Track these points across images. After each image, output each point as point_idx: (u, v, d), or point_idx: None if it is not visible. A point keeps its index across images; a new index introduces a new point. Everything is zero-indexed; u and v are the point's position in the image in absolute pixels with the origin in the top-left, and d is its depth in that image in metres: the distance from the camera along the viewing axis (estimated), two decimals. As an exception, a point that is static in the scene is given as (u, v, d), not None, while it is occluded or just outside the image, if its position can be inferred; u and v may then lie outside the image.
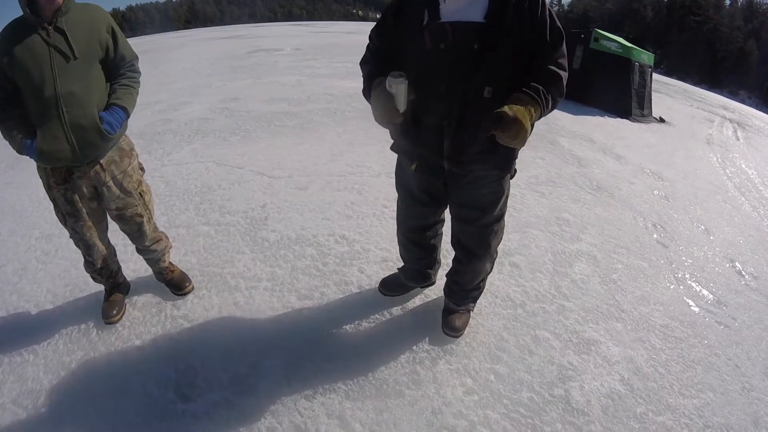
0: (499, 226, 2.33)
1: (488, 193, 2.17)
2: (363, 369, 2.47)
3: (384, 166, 5.04)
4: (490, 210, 2.21)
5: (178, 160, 5.24)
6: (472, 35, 1.78)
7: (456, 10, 1.80)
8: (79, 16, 2.11)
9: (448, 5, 1.81)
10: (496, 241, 2.37)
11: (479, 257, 2.38)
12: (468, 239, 2.35)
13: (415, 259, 2.73)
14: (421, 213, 2.45)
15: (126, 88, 2.29)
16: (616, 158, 6.53)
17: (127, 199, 2.45)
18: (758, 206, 5.84)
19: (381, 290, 3.01)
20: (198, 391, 2.32)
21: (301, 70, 11.36)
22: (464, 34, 1.78)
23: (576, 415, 2.30)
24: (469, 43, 1.78)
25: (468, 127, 1.90)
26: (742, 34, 64.60)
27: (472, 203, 2.20)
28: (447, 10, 1.81)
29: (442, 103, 1.89)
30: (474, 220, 2.25)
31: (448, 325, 2.66)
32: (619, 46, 9.54)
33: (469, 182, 2.12)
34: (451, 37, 1.80)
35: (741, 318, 3.30)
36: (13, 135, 2.10)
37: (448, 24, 1.80)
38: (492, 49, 1.78)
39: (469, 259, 2.40)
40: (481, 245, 2.33)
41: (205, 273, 3.17)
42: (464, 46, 1.79)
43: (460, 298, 2.65)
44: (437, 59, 1.84)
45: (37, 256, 3.40)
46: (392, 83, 1.80)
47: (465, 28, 1.78)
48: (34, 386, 2.35)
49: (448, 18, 1.80)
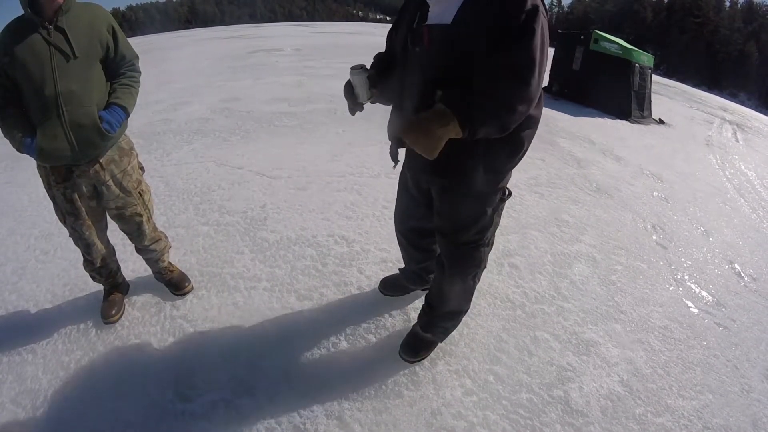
0: (479, 249, 2.12)
1: (464, 211, 2.02)
2: (362, 370, 2.47)
3: (384, 167, 5.03)
4: (467, 230, 2.05)
5: (178, 159, 5.24)
6: (439, 38, 1.69)
7: (437, 13, 1.71)
8: (79, 15, 2.11)
9: (434, 8, 1.72)
10: (473, 262, 2.16)
11: (448, 276, 2.20)
12: (443, 251, 2.21)
13: (414, 261, 2.69)
14: (415, 214, 2.36)
15: (126, 88, 2.29)
16: (616, 160, 6.53)
17: (127, 199, 2.45)
18: (757, 208, 5.85)
19: (381, 290, 3.02)
20: (197, 392, 2.32)
21: (301, 70, 11.36)
22: (434, 37, 1.71)
23: (575, 416, 2.30)
24: (435, 45, 1.70)
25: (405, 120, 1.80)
26: (742, 36, 64.63)
27: (445, 217, 2.09)
28: (434, 11, 1.72)
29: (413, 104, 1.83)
30: (446, 234, 2.12)
31: (406, 346, 2.53)
32: (618, 47, 9.55)
33: (445, 191, 2.01)
34: (426, 39, 1.73)
35: (740, 319, 3.30)
36: (13, 133, 2.10)
37: (426, 27, 1.73)
38: (449, 52, 1.66)
39: (440, 272, 2.26)
40: (453, 263, 2.17)
41: (205, 273, 3.17)
42: (432, 48, 1.72)
43: (428, 324, 2.47)
44: (413, 61, 1.80)
45: (36, 256, 3.39)
46: (352, 74, 1.86)
47: (436, 31, 1.70)
48: (33, 386, 2.35)
49: (430, 21, 1.73)
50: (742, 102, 34.97)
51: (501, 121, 1.58)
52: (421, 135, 1.54)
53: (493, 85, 1.54)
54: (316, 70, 11.41)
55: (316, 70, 11.41)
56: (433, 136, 1.53)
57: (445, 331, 2.53)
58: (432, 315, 2.43)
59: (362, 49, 16.22)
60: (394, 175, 4.74)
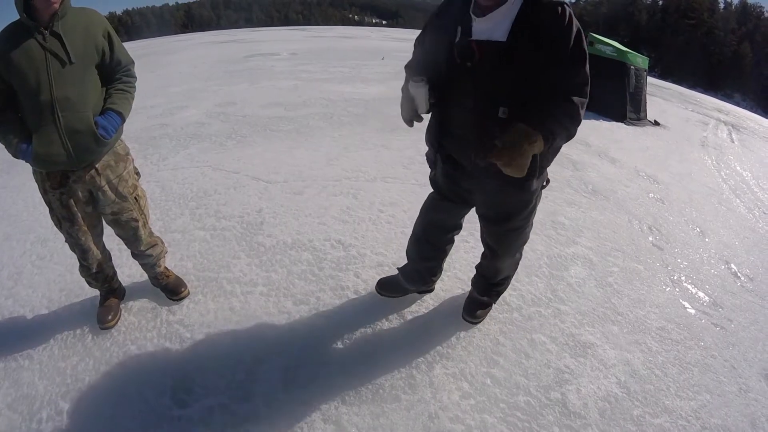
0: (524, 230, 2.37)
1: (516, 201, 2.20)
2: (359, 374, 2.46)
3: (380, 171, 5.04)
4: (516, 216, 2.25)
5: (174, 164, 5.23)
6: (494, 54, 1.80)
7: (485, 29, 1.82)
8: (75, 20, 2.11)
9: (480, 24, 1.83)
10: (520, 242, 2.45)
11: (500, 256, 2.50)
12: (491, 239, 2.46)
13: (422, 258, 2.73)
14: (444, 208, 2.50)
15: (122, 93, 2.29)
16: (612, 161, 6.55)
17: (123, 204, 2.45)
18: (753, 208, 5.86)
19: (378, 290, 3.03)
20: (194, 397, 2.31)
21: (297, 74, 11.36)
22: (488, 53, 1.81)
23: (573, 419, 2.30)
24: (491, 62, 1.81)
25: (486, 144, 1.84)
26: (737, 37, 64.95)
27: (498, 207, 2.26)
28: (478, 28, 1.84)
29: (467, 117, 1.96)
30: (498, 223, 2.32)
31: (468, 311, 2.83)
32: (614, 50, 9.58)
33: (496, 192, 2.16)
34: (477, 55, 1.83)
35: (737, 319, 3.31)
36: (9, 139, 2.10)
37: (475, 42, 1.83)
38: (508, 69, 1.79)
39: (493, 256, 2.53)
40: (502, 245, 2.44)
41: (201, 278, 3.17)
42: (487, 65, 1.82)
43: (483, 290, 2.77)
44: (464, 76, 1.89)
45: (32, 261, 3.39)
46: (413, 87, 1.89)
47: (490, 48, 1.81)
48: (30, 391, 2.34)
49: (477, 36, 1.83)
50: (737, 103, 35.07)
51: (571, 131, 1.85)
52: (516, 155, 1.67)
53: (567, 103, 1.77)
54: (312, 74, 11.41)
55: (312, 74, 11.41)
56: (526, 155, 1.69)
57: (498, 293, 2.84)
58: (486, 283, 2.73)
59: (358, 53, 16.26)
60: (391, 179, 4.78)
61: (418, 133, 2.55)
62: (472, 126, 1.95)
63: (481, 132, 1.88)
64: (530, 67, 1.76)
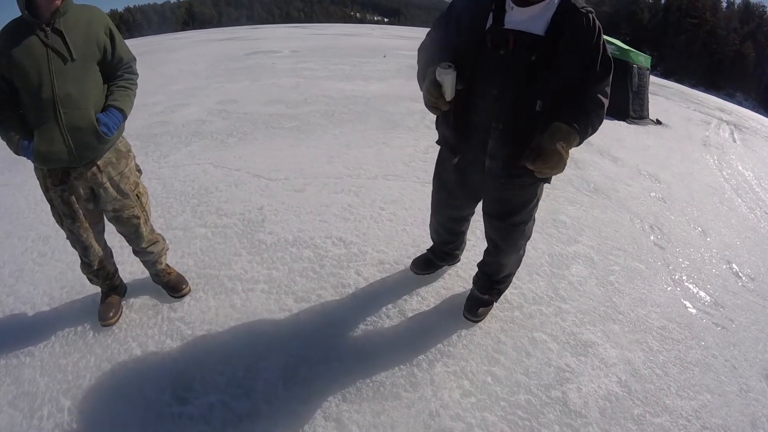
0: (528, 226, 2.46)
1: (522, 197, 2.29)
2: (360, 371, 2.47)
3: (381, 169, 5.04)
4: (520, 212, 2.34)
5: (175, 162, 5.23)
6: (532, 47, 1.84)
7: (520, 20, 1.86)
8: (77, 17, 2.11)
9: (515, 15, 1.86)
10: (523, 239, 2.53)
11: (504, 252, 2.55)
12: (495, 234, 2.52)
13: (445, 244, 3.02)
14: (454, 205, 2.63)
15: (123, 90, 2.29)
16: (613, 160, 6.54)
17: (124, 201, 2.45)
18: (755, 208, 5.86)
19: (413, 269, 3.22)
20: (194, 394, 2.32)
21: (298, 72, 11.35)
22: (524, 45, 1.85)
23: (573, 417, 2.30)
24: (527, 53, 1.85)
25: (514, 134, 1.98)
26: (739, 37, 64.78)
27: (505, 203, 2.34)
28: (512, 18, 1.87)
29: (493, 105, 1.98)
30: (503, 218, 2.39)
31: (469, 309, 2.84)
32: (616, 48, 9.56)
33: (505, 184, 2.19)
34: (512, 44, 1.86)
35: (738, 319, 3.31)
36: (10, 136, 2.10)
37: (511, 32, 1.86)
38: (548, 64, 1.84)
39: (497, 252, 2.59)
40: (507, 241, 2.49)
41: (202, 275, 3.17)
42: (522, 55, 1.86)
43: (485, 288, 2.80)
44: (494, 63, 1.91)
45: (33, 258, 3.39)
46: (441, 73, 1.85)
47: (526, 39, 1.84)
48: (31, 388, 2.34)
49: (511, 26, 1.86)
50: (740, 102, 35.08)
51: (596, 129, 1.98)
52: (558, 157, 1.73)
53: (598, 107, 1.91)
54: (314, 71, 11.40)
55: (314, 71, 11.40)
56: (567, 155, 1.76)
57: (500, 292, 2.87)
58: (488, 281, 2.76)
59: (360, 51, 16.24)
60: (392, 176, 4.78)
61: (420, 130, 2.57)
62: (501, 114, 1.98)
63: (514, 121, 1.96)
64: (564, 65, 1.84)
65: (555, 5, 1.84)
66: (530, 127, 1.89)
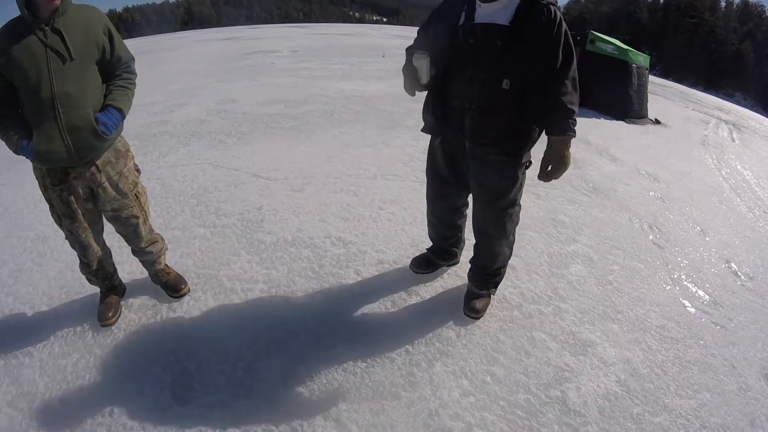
0: (514, 210, 2.59)
1: (503, 178, 2.46)
2: (359, 371, 2.47)
3: (380, 168, 5.04)
4: (505, 194, 2.49)
5: (174, 161, 5.23)
6: (497, 35, 2.14)
7: (487, 14, 2.16)
8: (76, 17, 2.11)
9: (482, 10, 2.18)
10: (512, 224, 2.64)
11: (496, 238, 2.65)
12: (485, 222, 2.64)
13: (442, 237, 3.06)
14: (447, 193, 2.77)
15: (122, 90, 2.29)
16: (612, 160, 6.54)
17: (123, 201, 2.45)
18: (754, 207, 5.86)
19: (412, 268, 3.22)
20: (194, 394, 2.32)
21: (297, 71, 11.35)
22: (490, 34, 2.15)
23: (572, 417, 2.30)
24: (493, 40, 2.15)
25: (486, 111, 2.25)
26: (738, 36, 64.85)
27: (489, 185, 2.50)
28: (481, 14, 2.18)
29: (466, 88, 2.26)
30: (490, 202, 2.54)
31: (469, 306, 2.87)
32: (615, 48, 9.55)
33: (486, 164, 2.42)
34: (480, 34, 2.17)
35: (737, 318, 3.31)
36: (9, 135, 2.10)
37: (479, 25, 2.17)
38: (511, 48, 2.12)
39: (486, 241, 2.69)
40: (497, 227, 2.60)
41: (201, 275, 3.17)
42: (490, 42, 2.16)
43: (481, 282, 2.86)
44: (466, 52, 2.22)
45: (32, 258, 3.39)
46: (416, 59, 2.16)
47: (492, 29, 2.15)
48: (30, 389, 2.34)
49: (480, 20, 2.18)
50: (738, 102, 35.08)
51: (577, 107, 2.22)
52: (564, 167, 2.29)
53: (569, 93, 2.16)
54: (313, 71, 11.40)
55: (313, 71, 11.40)
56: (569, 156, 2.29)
57: (496, 284, 2.94)
58: (484, 274, 2.83)
59: (359, 51, 16.24)
60: (391, 176, 4.78)
61: (419, 130, 2.57)
62: (474, 95, 2.24)
63: (485, 100, 2.23)
64: (529, 50, 2.12)
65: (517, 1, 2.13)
66: (499, 104, 2.22)
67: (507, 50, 2.13)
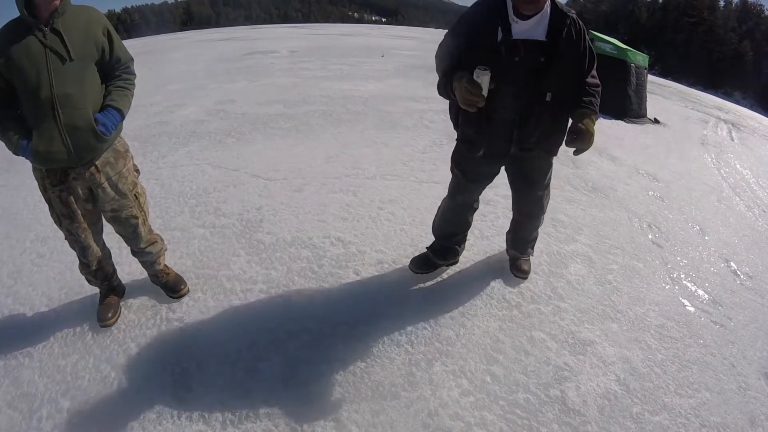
0: (549, 189, 2.95)
1: (541, 168, 2.78)
2: (359, 371, 2.47)
3: (379, 168, 5.04)
4: (541, 181, 2.82)
5: (174, 162, 5.23)
6: (539, 51, 2.27)
7: (524, 30, 2.26)
8: (75, 17, 2.11)
9: (520, 27, 2.26)
10: (548, 200, 3.00)
11: (537, 215, 3.04)
12: (527, 206, 2.98)
13: (449, 234, 3.14)
14: (471, 189, 2.92)
15: (121, 90, 2.29)
16: (611, 159, 6.54)
17: (122, 201, 2.45)
18: (753, 206, 5.86)
19: (411, 268, 3.23)
20: (193, 394, 2.32)
21: (296, 72, 11.35)
22: (533, 50, 2.26)
23: (572, 416, 2.30)
24: (536, 56, 2.27)
25: (532, 121, 2.42)
26: (737, 36, 64.77)
27: (530, 177, 2.81)
28: (518, 30, 2.26)
29: (512, 103, 2.37)
30: (532, 190, 2.87)
31: (518, 269, 3.26)
32: (614, 47, 9.55)
33: (528, 162, 2.70)
34: (523, 51, 2.26)
35: (736, 317, 3.31)
36: (9, 136, 2.10)
37: (521, 41, 2.25)
38: (552, 63, 2.27)
39: (528, 218, 3.05)
40: (539, 206, 2.98)
41: (201, 275, 3.17)
42: (532, 59, 2.27)
43: (523, 248, 3.25)
44: (511, 68, 2.27)
45: (32, 259, 3.39)
46: (479, 74, 2.18)
47: (533, 45, 2.26)
48: (30, 389, 2.34)
49: (518, 36, 2.25)
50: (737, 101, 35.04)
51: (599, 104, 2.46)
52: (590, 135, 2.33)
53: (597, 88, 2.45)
54: (312, 71, 11.40)
55: (312, 71, 11.40)
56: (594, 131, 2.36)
57: (533, 247, 3.32)
58: (525, 242, 3.22)
59: (358, 51, 16.23)
60: (390, 176, 4.79)
61: (418, 130, 2.59)
62: (521, 108, 2.39)
63: (531, 112, 2.39)
64: (566, 63, 2.30)
65: (548, 14, 2.27)
66: (543, 114, 2.40)
67: (548, 65, 2.27)
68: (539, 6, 2.23)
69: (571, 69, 2.36)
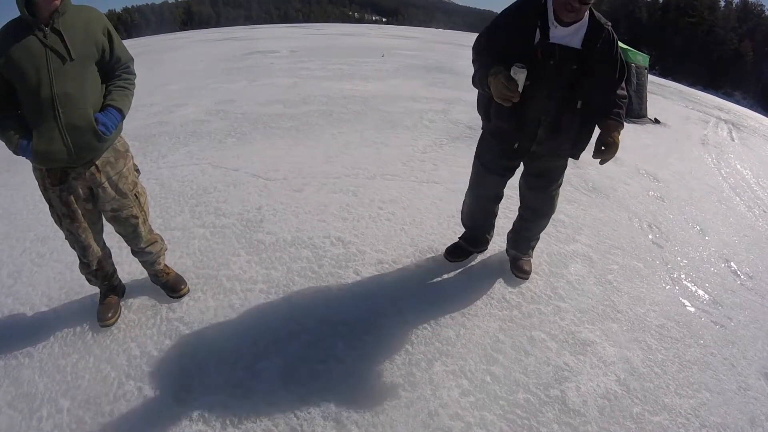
0: (560, 189, 3.02)
1: (557, 168, 2.86)
2: (359, 371, 2.47)
3: (379, 168, 5.04)
4: (557, 179, 2.92)
5: (174, 162, 5.23)
6: (573, 58, 2.36)
7: (563, 36, 2.35)
8: (75, 17, 2.11)
9: (558, 32, 2.34)
10: (558, 199, 3.06)
11: (547, 214, 3.09)
12: (539, 203, 3.03)
13: (477, 226, 3.30)
14: (494, 182, 2.99)
15: (121, 90, 2.29)
16: (612, 159, 6.52)
17: (122, 201, 2.45)
18: (753, 206, 5.86)
19: (446, 257, 3.40)
20: (193, 395, 2.32)
21: (296, 72, 11.35)
22: (568, 56, 2.35)
23: (572, 416, 2.30)
24: (570, 63, 2.36)
25: (560, 125, 2.50)
26: (737, 36, 64.79)
27: (548, 175, 2.88)
28: (556, 35, 2.35)
29: (543, 103, 2.46)
30: (545, 188, 2.93)
31: (519, 269, 3.28)
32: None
33: (545, 161, 2.79)
34: (558, 55, 2.35)
35: (736, 318, 3.31)
36: (9, 135, 2.10)
37: (557, 46, 2.34)
38: (585, 71, 2.36)
39: (538, 217, 3.09)
40: (550, 205, 3.04)
41: (201, 275, 3.17)
42: (567, 65, 2.36)
43: (524, 248, 3.28)
44: (545, 71, 2.36)
45: (32, 259, 3.38)
46: (516, 71, 2.26)
47: (569, 52, 2.35)
48: (30, 389, 2.34)
49: (555, 41, 2.35)
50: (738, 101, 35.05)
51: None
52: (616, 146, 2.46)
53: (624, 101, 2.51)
54: (312, 71, 11.40)
55: (312, 71, 11.40)
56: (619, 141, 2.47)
57: (534, 246, 3.36)
58: (527, 240, 3.25)
59: (358, 51, 16.23)
60: (390, 176, 4.79)
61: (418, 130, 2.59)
62: (551, 110, 2.47)
63: (560, 117, 2.48)
64: (596, 72, 2.38)
65: (586, 23, 2.35)
66: (573, 121, 2.50)
67: (581, 73, 2.36)
68: (580, 15, 2.30)
69: (603, 79, 2.42)
